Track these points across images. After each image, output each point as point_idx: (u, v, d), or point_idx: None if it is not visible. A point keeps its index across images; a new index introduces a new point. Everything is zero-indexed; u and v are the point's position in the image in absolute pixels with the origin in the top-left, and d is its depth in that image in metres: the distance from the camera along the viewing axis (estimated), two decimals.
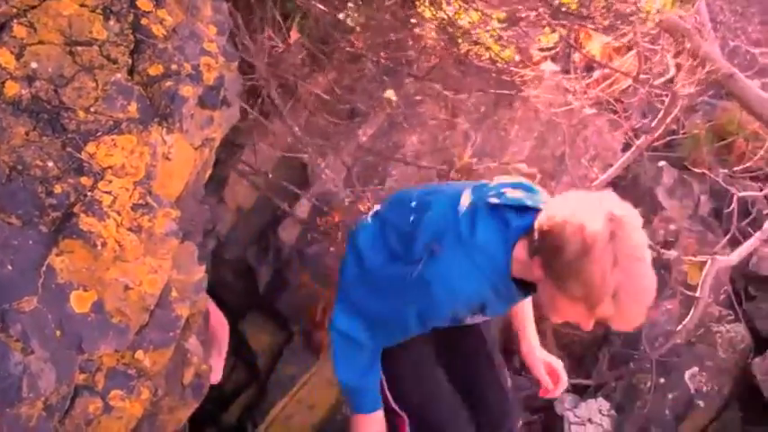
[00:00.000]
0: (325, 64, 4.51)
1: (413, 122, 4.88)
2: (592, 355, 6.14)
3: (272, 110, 4.36)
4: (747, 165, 6.36)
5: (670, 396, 5.81)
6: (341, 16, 4.02)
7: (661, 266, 6.04)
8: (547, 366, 3.50)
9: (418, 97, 4.90)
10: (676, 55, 5.48)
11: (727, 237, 6.20)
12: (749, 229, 6.21)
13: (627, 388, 5.87)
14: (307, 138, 4.32)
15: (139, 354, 2.36)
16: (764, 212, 6.43)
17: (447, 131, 5.24)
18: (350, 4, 3.92)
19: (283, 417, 5.18)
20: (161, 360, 2.44)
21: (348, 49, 4.24)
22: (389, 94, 4.60)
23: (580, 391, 5.92)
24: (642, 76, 5.56)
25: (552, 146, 6.21)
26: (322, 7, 3.75)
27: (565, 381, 3.50)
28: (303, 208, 5.21)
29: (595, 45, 5.97)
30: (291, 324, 5.31)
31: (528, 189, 2.91)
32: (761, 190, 6.45)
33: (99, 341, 2.25)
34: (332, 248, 4.97)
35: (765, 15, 8.79)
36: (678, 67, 5.46)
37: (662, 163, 6.72)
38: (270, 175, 4.82)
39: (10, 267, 2.15)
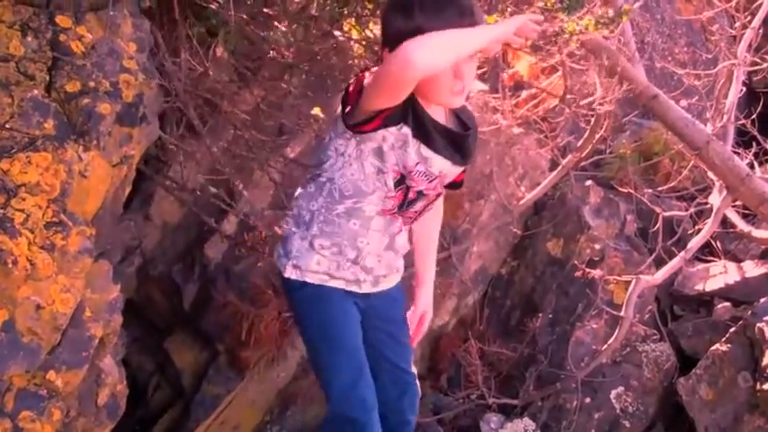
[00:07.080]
0: (251, 80, 4.50)
1: None
2: (518, 375, 6.16)
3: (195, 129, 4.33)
4: (672, 185, 6.46)
5: (596, 416, 5.85)
6: (280, 31, 4.01)
7: (586, 285, 6.10)
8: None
9: None
10: (602, 75, 5.54)
11: (653, 256, 6.27)
12: (674, 248, 6.29)
13: (553, 408, 5.90)
14: (226, 158, 4.30)
15: (51, 374, 2.33)
16: (689, 232, 6.51)
17: None
18: (276, 23, 3.92)
19: None
20: (74, 380, 2.41)
21: (278, 59, 4.23)
22: (317, 111, 4.60)
23: (506, 411, 5.94)
24: (568, 96, 5.62)
25: (481, 164, 6.25)
26: (246, 21, 3.74)
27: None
28: (230, 224, 5.19)
29: (523, 65, 6.02)
30: (217, 342, 5.27)
31: None
32: (686, 210, 6.54)
33: (9, 361, 2.21)
34: (260, 264, 4.95)
35: (691, 37, 8.95)
36: (603, 87, 5.52)
37: (589, 182, 6.79)
38: (198, 192, 4.79)
39: None
